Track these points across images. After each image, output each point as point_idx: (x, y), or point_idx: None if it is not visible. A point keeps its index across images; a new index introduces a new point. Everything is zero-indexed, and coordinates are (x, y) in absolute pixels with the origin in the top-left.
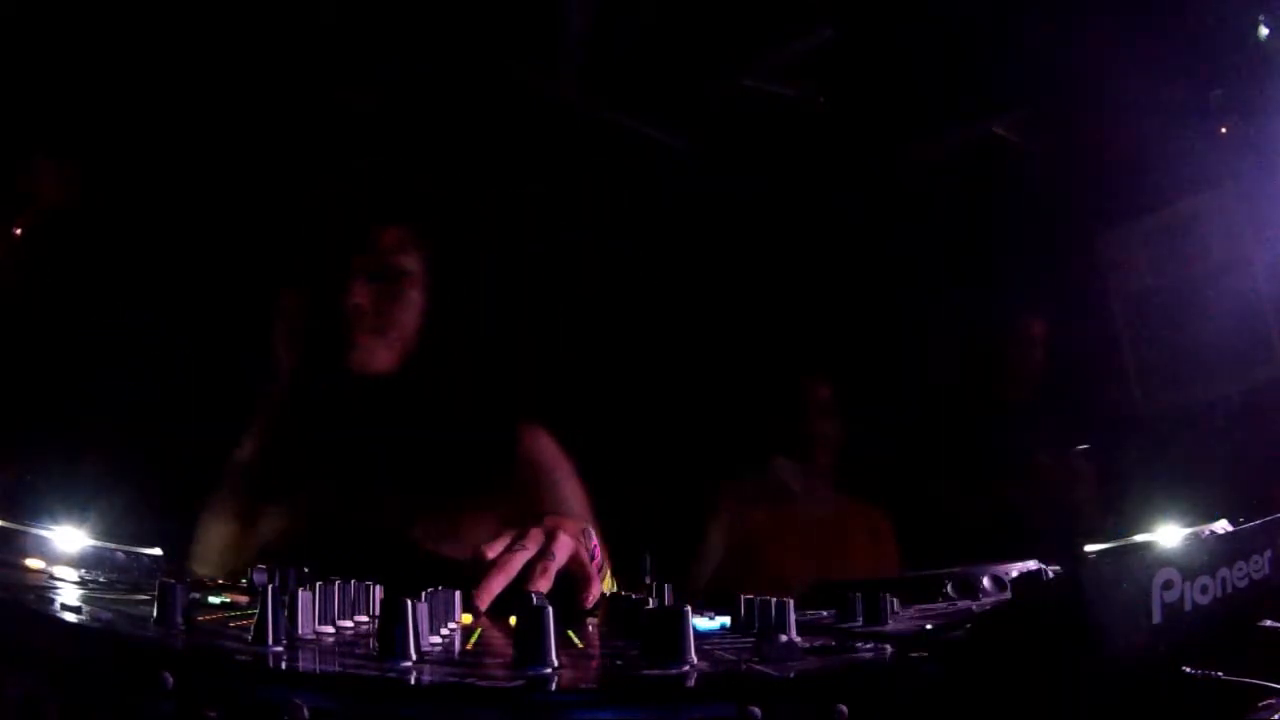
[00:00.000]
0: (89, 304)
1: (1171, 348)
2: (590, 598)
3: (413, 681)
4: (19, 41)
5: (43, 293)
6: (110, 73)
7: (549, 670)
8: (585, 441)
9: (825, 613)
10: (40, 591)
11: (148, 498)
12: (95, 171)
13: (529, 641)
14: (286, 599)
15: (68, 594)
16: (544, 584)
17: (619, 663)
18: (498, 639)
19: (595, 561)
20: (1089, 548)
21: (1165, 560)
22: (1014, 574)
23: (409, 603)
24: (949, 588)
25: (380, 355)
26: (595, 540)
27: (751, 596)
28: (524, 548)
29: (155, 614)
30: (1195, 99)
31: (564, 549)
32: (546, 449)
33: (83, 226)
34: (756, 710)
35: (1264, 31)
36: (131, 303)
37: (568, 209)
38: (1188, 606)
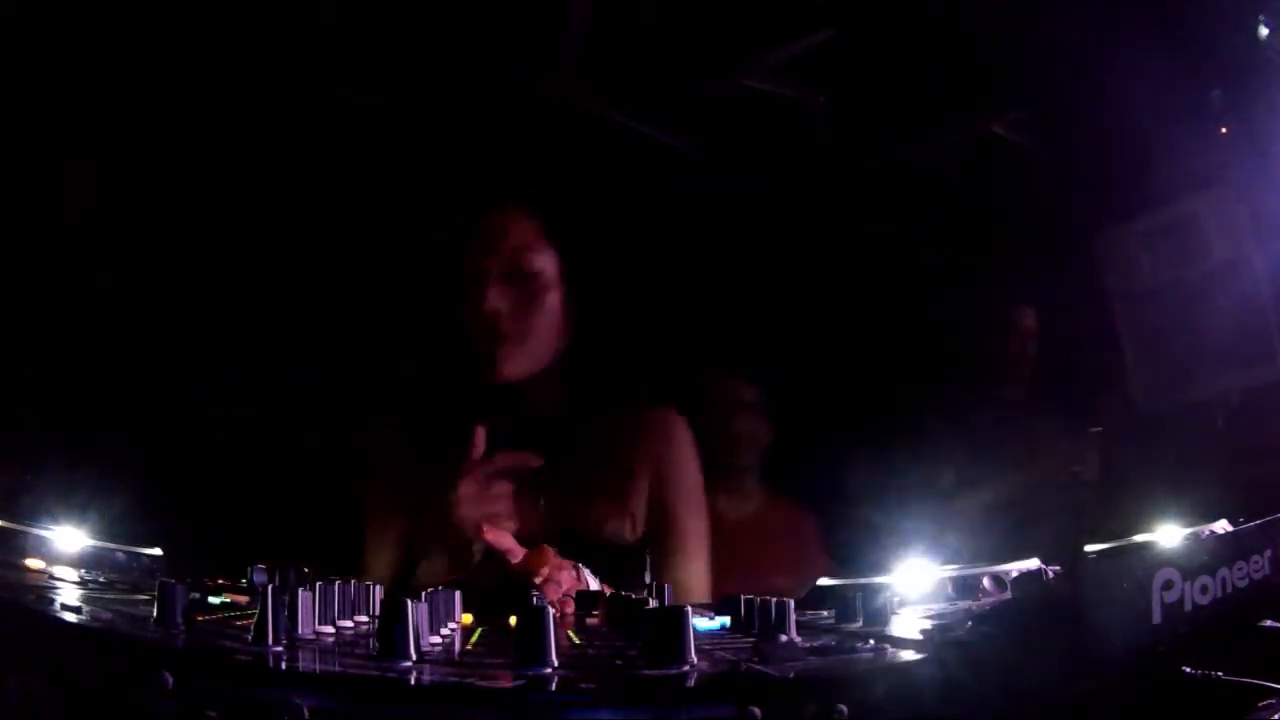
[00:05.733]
0: (93, 306)
1: (1172, 347)
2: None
3: (413, 681)
4: (37, 49)
5: (51, 294)
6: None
7: (549, 670)
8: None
9: (825, 613)
10: (40, 591)
11: (148, 498)
12: (126, 169)
13: (529, 641)
14: (286, 599)
15: (68, 594)
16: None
17: (619, 663)
18: (498, 639)
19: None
20: (1089, 548)
21: (1165, 560)
22: (1014, 574)
23: (409, 603)
24: (949, 588)
25: (519, 362)
26: (587, 573)
27: (751, 596)
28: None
29: (155, 614)
30: (1195, 99)
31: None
32: (675, 433)
33: (91, 230)
34: (756, 710)
35: (1264, 31)
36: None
37: (564, 207)
38: (1188, 606)
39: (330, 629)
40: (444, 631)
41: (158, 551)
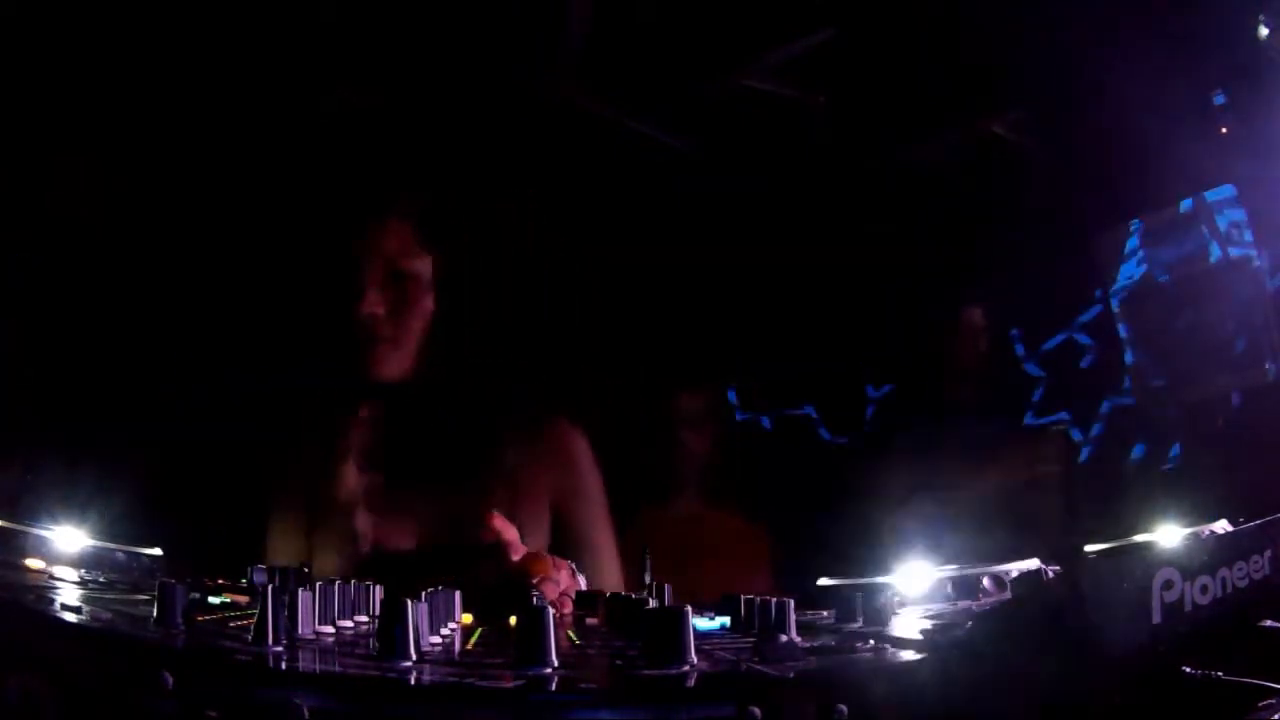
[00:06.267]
0: (92, 306)
1: (1171, 347)
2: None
3: (413, 681)
4: (37, 50)
5: (49, 295)
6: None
7: (549, 670)
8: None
9: (825, 613)
10: (40, 591)
11: (148, 498)
12: (107, 181)
13: (529, 641)
14: (286, 599)
15: (68, 594)
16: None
17: (619, 663)
18: (498, 639)
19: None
20: (1089, 547)
21: (1165, 560)
22: (1014, 574)
23: (409, 603)
24: (949, 588)
25: (396, 363)
26: (581, 577)
27: (752, 596)
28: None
29: (155, 614)
30: (1195, 99)
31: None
32: (574, 443)
33: (88, 231)
34: (756, 710)
35: (1264, 31)
36: (132, 306)
37: (566, 208)
38: (1188, 606)
39: (330, 629)
40: (444, 631)
41: (158, 551)
